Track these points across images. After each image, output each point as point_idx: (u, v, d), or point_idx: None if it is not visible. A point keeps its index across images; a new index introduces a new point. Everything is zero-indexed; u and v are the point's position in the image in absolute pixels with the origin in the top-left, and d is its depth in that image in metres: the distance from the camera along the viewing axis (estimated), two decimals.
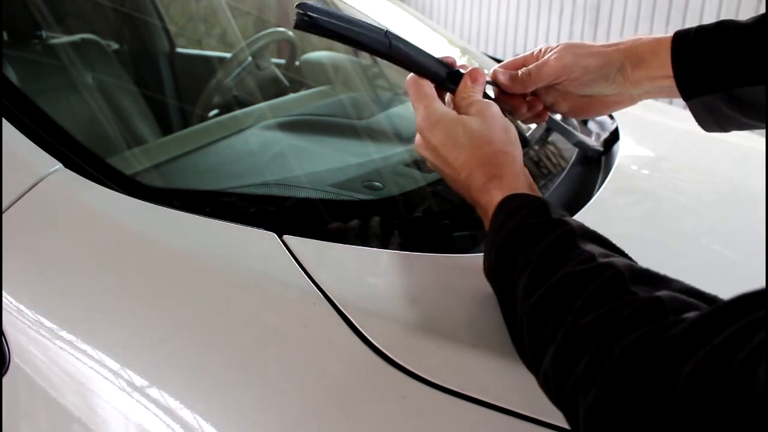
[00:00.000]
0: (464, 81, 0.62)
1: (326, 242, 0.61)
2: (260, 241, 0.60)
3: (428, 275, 0.59)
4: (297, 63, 1.46)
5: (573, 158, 0.90)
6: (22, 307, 0.58)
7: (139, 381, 0.51)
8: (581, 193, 0.80)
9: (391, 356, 0.49)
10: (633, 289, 0.40)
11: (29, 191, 0.63)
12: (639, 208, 0.81)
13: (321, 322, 0.52)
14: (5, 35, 1.23)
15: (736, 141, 1.05)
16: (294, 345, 0.51)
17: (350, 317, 0.52)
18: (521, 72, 0.65)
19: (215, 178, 0.82)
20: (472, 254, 0.62)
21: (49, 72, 1.17)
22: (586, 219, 0.51)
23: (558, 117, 0.84)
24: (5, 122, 0.66)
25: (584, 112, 0.68)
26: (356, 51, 1.26)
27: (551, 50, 0.64)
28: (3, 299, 0.59)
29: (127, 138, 1.02)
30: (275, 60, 1.48)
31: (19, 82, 1.02)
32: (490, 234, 0.53)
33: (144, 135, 1.09)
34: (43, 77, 1.13)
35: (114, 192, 0.64)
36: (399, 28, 1.17)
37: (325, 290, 0.54)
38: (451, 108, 0.62)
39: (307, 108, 1.09)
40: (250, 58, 1.34)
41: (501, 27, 3.86)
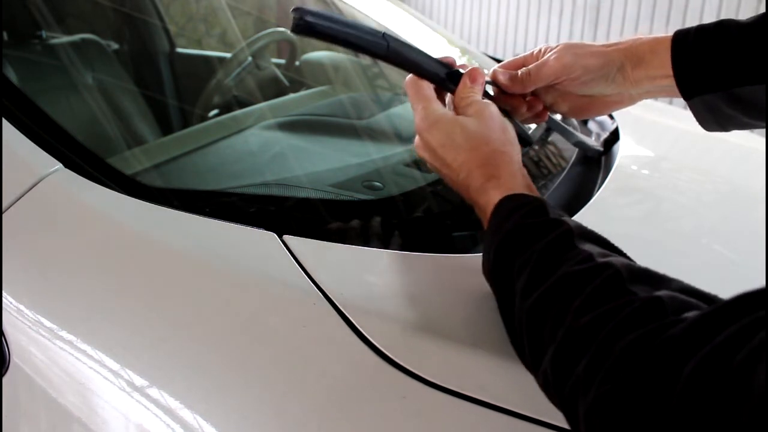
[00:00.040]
0: (463, 81, 0.62)
1: (326, 242, 0.61)
2: (260, 241, 0.60)
3: (428, 275, 0.59)
4: (297, 63, 1.46)
5: (573, 158, 0.90)
6: (22, 307, 0.58)
7: (139, 381, 0.51)
8: (581, 193, 0.80)
9: (391, 356, 0.49)
10: (632, 289, 0.40)
11: (29, 191, 0.63)
12: (639, 208, 0.81)
13: (321, 322, 0.52)
14: (5, 35, 1.23)
15: (736, 141, 1.05)
16: (294, 345, 0.51)
17: (350, 317, 0.52)
18: (521, 72, 0.65)
19: (215, 178, 0.82)
20: (472, 254, 0.62)
21: (49, 72, 1.17)
22: (586, 219, 0.51)
23: (558, 117, 0.84)
24: (5, 122, 0.66)
25: (584, 112, 0.68)
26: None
27: (551, 50, 0.64)
28: (3, 299, 0.59)
29: (127, 138, 1.02)
30: (275, 60, 1.48)
31: (19, 82, 1.02)
32: (488, 234, 0.52)
33: (144, 135, 1.09)
34: (43, 77, 1.13)
35: (114, 192, 0.64)
36: (399, 29, 1.17)
37: (325, 290, 0.54)
38: (452, 108, 0.62)
39: (307, 108, 1.09)
40: (250, 58, 1.34)
41: (501, 27, 3.86)
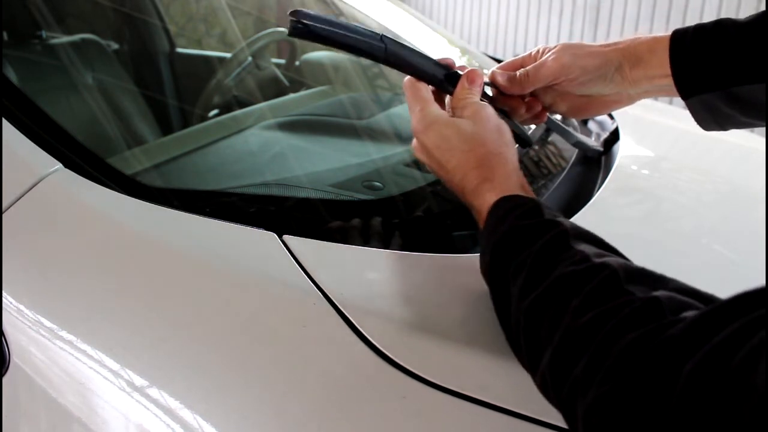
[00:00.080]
0: (461, 83, 0.62)
1: (326, 242, 0.61)
2: (260, 241, 0.60)
3: (428, 275, 0.59)
4: (297, 63, 1.46)
5: (573, 158, 0.90)
6: (22, 307, 0.58)
7: (139, 381, 0.51)
8: (581, 193, 0.80)
9: (391, 356, 0.49)
10: (629, 289, 0.40)
11: (29, 191, 0.63)
12: (639, 208, 0.81)
13: (321, 322, 0.52)
14: (5, 35, 1.23)
15: (736, 141, 1.05)
16: (294, 345, 0.51)
17: (350, 317, 0.52)
18: (519, 73, 0.65)
19: (215, 178, 0.82)
20: (472, 254, 0.62)
21: (49, 72, 1.17)
22: (586, 219, 0.51)
23: (557, 117, 0.84)
24: (5, 122, 0.66)
25: (583, 112, 0.68)
26: None
27: (549, 51, 0.64)
28: (3, 299, 0.59)
29: (127, 138, 1.02)
30: (275, 60, 1.48)
31: (19, 82, 1.02)
32: (484, 237, 0.52)
33: (144, 135, 1.09)
34: (43, 77, 1.13)
35: (114, 192, 0.64)
36: (399, 29, 1.17)
37: (325, 290, 0.54)
38: (450, 110, 0.62)
39: (307, 108, 1.09)
40: (250, 58, 1.34)
41: (501, 27, 3.86)
